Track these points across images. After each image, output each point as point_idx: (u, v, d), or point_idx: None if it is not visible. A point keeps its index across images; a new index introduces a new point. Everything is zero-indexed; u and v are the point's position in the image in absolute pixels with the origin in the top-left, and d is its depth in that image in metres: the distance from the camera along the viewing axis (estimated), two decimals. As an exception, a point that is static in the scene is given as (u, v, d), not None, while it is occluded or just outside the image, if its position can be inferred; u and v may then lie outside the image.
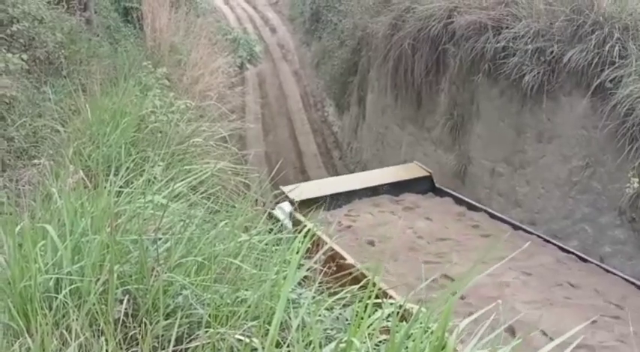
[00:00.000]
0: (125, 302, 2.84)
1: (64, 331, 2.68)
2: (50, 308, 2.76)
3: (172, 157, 5.49)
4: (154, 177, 4.36)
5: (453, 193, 10.23)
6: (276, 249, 3.53)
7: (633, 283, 7.24)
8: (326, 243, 3.77)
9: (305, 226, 3.88)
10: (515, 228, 8.75)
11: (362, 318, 2.61)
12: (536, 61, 9.02)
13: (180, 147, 5.95)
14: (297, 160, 17.85)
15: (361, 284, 2.83)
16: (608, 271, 7.62)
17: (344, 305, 3.15)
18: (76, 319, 2.69)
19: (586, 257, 7.96)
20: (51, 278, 2.90)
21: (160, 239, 3.17)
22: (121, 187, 3.91)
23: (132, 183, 4.12)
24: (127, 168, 4.43)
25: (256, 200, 4.31)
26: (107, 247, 2.98)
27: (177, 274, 3.02)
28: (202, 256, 3.18)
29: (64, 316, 2.76)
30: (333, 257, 5.72)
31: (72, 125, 6.40)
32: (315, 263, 3.12)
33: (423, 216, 9.41)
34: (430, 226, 9.06)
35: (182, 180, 4.35)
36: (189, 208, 4.08)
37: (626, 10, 8.35)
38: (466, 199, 9.99)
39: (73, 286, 2.84)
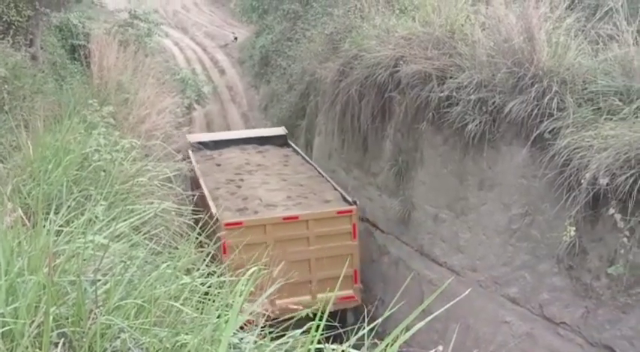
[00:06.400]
0: (61, 345, 2.75)
1: (-5, 375, 2.58)
2: (-20, 352, 2.66)
3: (115, 197, 5.41)
4: (96, 217, 4.29)
5: (294, 146, 15.73)
6: (218, 293, 3.49)
7: (344, 198, 12.09)
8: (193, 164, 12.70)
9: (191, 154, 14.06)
10: (310, 163, 14.32)
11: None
12: (478, 111, 9.24)
13: (123, 187, 5.87)
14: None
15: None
16: (322, 176, 13.24)
17: (286, 351, 3.12)
18: (8, 363, 2.60)
19: (327, 178, 13.14)
20: (-18, 320, 2.79)
21: (99, 280, 3.10)
22: (61, 226, 3.82)
23: (72, 222, 4.03)
24: (68, 206, 4.34)
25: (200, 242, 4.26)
26: (44, 288, 2.90)
27: (115, 317, 2.95)
28: (142, 298, 3.12)
29: (-5, 359, 2.66)
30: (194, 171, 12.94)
31: (12, 161, 6.26)
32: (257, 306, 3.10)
33: (262, 155, 15.22)
34: (259, 159, 14.84)
35: (124, 220, 4.28)
36: (130, 249, 4.01)
37: (563, 64, 8.66)
38: (297, 149, 15.48)
39: (5, 328, 2.74)
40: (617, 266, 7.30)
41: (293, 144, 15.89)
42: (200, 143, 15.77)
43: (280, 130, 16.79)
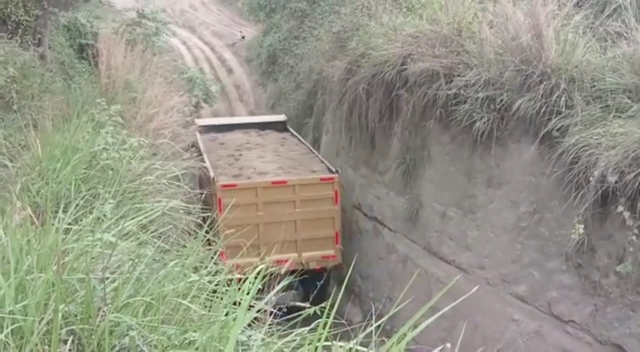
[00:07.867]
0: (69, 342, 2.76)
1: (4, 372, 2.59)
2: (-10, 349, 2.67)
3: (123, 195, 5.42)
4: (104, 215, 4.30)
5: (292, 131, 17.14)
6: (226, 290, 3.50)
7: (329, 169, 13.49)
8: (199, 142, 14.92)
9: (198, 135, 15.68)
10: (304, 144, 15.87)
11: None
12: (486, 109, 9.22)
13: (131, 185, 5.87)
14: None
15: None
16: (313, 153, 14.90)
17: (294, 348, 3.12)
18: (17, 360, 2.61)
19: (317, 154, 14.83)
20: (-8, 318, 2.80)
21: (107, 278, 3.11)
22: (69, 224, 3.83)
23: (81, 220, 4.05)
24: (77, 205, 4.35)
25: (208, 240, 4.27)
26: (53, 286, 2.91)
27: (124, 314, 2.96)
28: (151, 296, 3.12)
29: (4, 357, 2.67)
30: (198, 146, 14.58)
31: (21, 160, 6.28)
32: (266, 303, 3.10)
33: (262, 137, 16.84)
34: (259, 140, 16.51)
35: (132, 219, 4.29)
36: (138, 247, 4.01)
37: (571, 62, 8.63)
38: (294, 132, 16.90)
39: (15, 325, 2.76)
40: (625, 264, 7.28)
41: (291, 129, 17.35)
42: (207, 126, 17.36)
43: (281, 117, 18.47)
